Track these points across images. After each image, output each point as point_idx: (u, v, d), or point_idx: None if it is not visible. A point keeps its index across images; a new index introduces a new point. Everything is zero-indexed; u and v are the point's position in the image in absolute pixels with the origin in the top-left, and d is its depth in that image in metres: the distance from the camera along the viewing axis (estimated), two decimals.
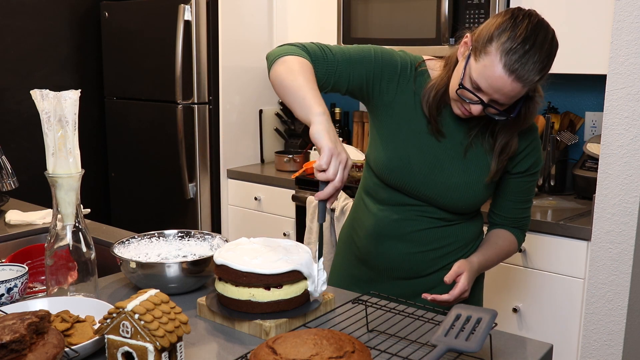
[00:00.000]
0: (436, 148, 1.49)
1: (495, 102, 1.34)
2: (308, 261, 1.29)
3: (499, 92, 1.31)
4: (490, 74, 1.30)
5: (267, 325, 1.21)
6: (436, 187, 1.49)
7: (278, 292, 1.24)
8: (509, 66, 1.28)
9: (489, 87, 1.31)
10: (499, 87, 1.30)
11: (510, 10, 1.34)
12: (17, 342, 0.94)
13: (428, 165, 1.48)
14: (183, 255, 1.53)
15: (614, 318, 2.07)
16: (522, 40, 1.28)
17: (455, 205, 1.51)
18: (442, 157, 1.49)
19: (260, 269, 1.22)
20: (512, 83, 1.29)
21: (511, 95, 1.32)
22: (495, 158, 1.47)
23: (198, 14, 3.13)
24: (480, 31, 1.35)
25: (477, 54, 1.32)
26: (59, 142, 1.26)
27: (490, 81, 1.30)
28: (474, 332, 1.05)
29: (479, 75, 1.32)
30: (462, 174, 1.49)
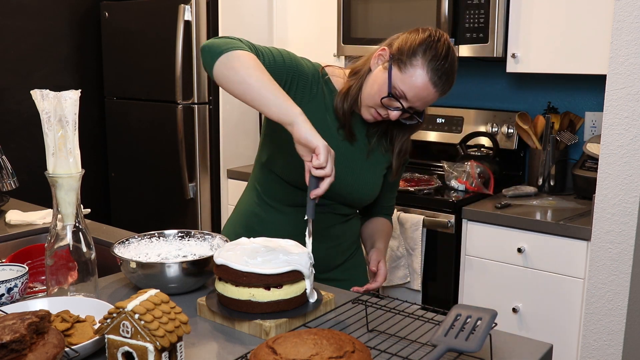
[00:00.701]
0: (345, 150, 1.59)
1: (411, 108, 1.50)
2: (308, 261, 1.29)
3: (421, 100, 1.47)
4: (417, 84, 1.45)
5: (267, 325, 1.21)
6: (347, 186, 1.59)
7: (278, 292, 1.24)
8: (434, 80, 1.45)
9: (414, 96, 1.46)
10: (424, 96, 1.46)
11: (427, 28, 1.49)
12: (17, 342, 0.95)
13: (339, 167, 1.53)
14: (183, 255, 1.53)
15: (614, 318, 2.07)
16: (443, 57, 1.45)
17: (362, 201, 1.66)
18: (350, 158, 1.60)
19: (260, 269, 1.22)
20: (434, 93, 1.47)
21: (428, 103, 1.50)
22: (395, 157, 1.64)
23: (198, 14, 3.13)
24: (401, 45, 1.47)
25: (401, 65, 1.46)
26: (59, 142, 1.27)
27: (417, 91, 1.45)
28: (473, 332, 1.05)
29: (406, 86, 1.45)
30: (368, 173, 1.63)
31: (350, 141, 1.60)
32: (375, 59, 1.51)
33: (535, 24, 2.46)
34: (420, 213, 2.51)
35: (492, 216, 2.36)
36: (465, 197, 2.54)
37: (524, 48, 2.49)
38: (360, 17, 2.83)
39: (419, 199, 2.56)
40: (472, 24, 2.54)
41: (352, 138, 1.59)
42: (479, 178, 2.62)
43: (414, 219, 2.49)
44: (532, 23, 2.46)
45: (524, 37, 2.48)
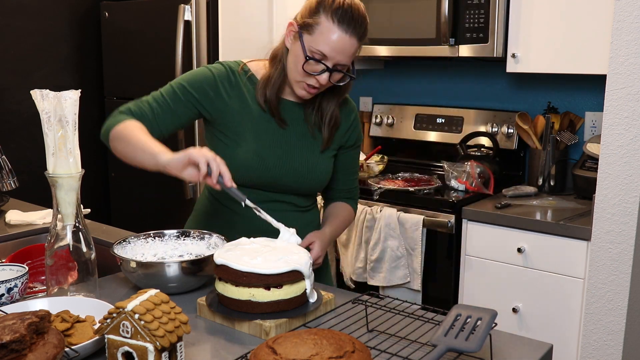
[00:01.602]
0: (282, 138, 1.61)
1: (338, 65, 1.50)
2: (308, 261, 1.29)
3: (341, 52, 1.47)
4: (330, 37, 1.46)
5: (267, 325, 1.21)
6: (293, 173, 1.61)
7: (278, 292, 1.24)
8: (343, 27, 1.46)
9: (332, 50, 1.46)
10: (341, 47, 1.47)
11: None
12: (17, 342, 0.95)
13: (280, 156, 1.60)
14: (179, 255, 1.53)
15: (614, 318, 2.07)
16: (342, 4, 1.47)
17: (311, 186, 1.66)
18: (289, 145, 1.61)
19: (260, 269, 1.22)
20: (350, 40, 1.47)
21: (351, 53, 1.49)
22: (326, 128, 1.63)
23: (198, 14, 3.13)
24: (302, 12, 1.53)
25: (309, 29, 1.48)
26: (59, 142, 1.27)
27: (332, 44, 1.46)
28: (473, 332, 1.05)
29: (320, 43, 1.46)
30: (311, 156, 1.63)
31: (283, 127, 1.61)
32: (288, 37, 1.55)
33: (535, 24, 2.46)
34: (420, 213, 2.51)
35: (492, 216, 2.36)
36: (465, 197, 2.54)
37: (524, 48, 2.49)
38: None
39: (419, 199, 2.56)
40: (472, 24, 2.54)
41: (282, 124, 1.60)
42: (479, 178, 2.62)
43: (414, 219, 2.49)
44: (532, 23, 2.46)
45: (524, 37, 2.48)
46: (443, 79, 3.12)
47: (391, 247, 2.52)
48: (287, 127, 1.62)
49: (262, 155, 1.58)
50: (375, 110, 3.26)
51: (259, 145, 1.59)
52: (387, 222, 2.52)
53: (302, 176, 1.62)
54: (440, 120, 3.04)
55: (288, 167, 1.61)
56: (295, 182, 1.62)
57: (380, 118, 3.21)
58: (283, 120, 1.61)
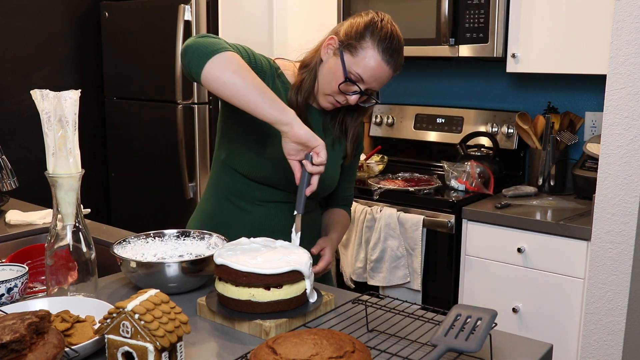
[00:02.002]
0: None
1: (368, 89, 1.54)
2: (308, 261, 1.29)
3: (377, 80, 1.51)
4: (372, 65, 1.49)
5: (267, 325, 1.21)
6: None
7: (278, 292, 1.24)
8: (386, 58, 1.49)
9: (370, 77, 1.50)
10: (379, 75, 1.51)
11: (369, 12, 1.54)
12: (17, 342, 0.95)
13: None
14: (179, 255, 1.53)
15: (614, 318, 2.07)
16: (390, 35, 1.50)
17: (323, 192, 1.69)
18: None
19: (260, 269, 1.22)
20: (388, 71, 1.51)
21: (384, 82, 1.54)
22: (350, 142, 1.68)
23: (198, 14, 3.13)
24: (347, 30, 1.51)
25: (352, 50, 1.49)
26: (59, 142, 1.27)
27: (372, 72, 1.50)
28: (473, 332, 1.05)
29: (362, 67, 1.49)
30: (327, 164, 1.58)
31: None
32: (325, 49, 1.54)
33: (535, 24, 2.46)
34: (420, 213, 2.51)
35: (492, 216, 2.36)
36: (465, 197, 2.54)
37: (524, 48, 2.49)
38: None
39: (419, 199, 2.56)
40: (472, 24, 2.54)
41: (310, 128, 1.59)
42: (479, 178, 2.62)
43: (414, 219, 2.49)
44: (532, 23, 2.46)
45: (524, 37, 2.48)
46: (443, 79, 3.12)
47: (391, 247, 2.52)
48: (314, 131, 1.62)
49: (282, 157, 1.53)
50: (375, 110, 3.26)
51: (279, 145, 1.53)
52: (387, 222, 2.52)
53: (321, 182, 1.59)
54: (440, 120, 3.04)
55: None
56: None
57: (380, 118, 3.22)
58: (311, 126, 1.59)
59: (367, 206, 2.61)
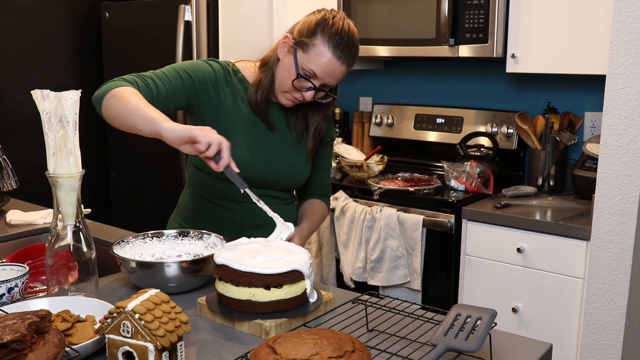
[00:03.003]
0: (268, 139, 1.67)
1: (324, 85, 1.58)
2: (308, 261, 1.29)
3: (330, 75, 1.56)
4: (322, 61, 1.53)
5: (267, 325, 1.21)
6: (275, 172, 1.68)
7: (278, 292, 1.24)
8: (337, 53, 1.53)
9: (322, 73, 1.55)
10: (331, 71, 1.55)
11: (322, 9, 1.59)
12: (18, 341, 0.95)
13: (266, 155, 1.66)
14: (177, 255, 1.53)
15: (613, 318, 2.07)
16: (341, 30, 1.54)
17: (292, 184, 1.75)
18: (274, 145, 1.68)
19: (261, 269, 1.22)
20: (341, 66, 1.55)
21: (339, 77, 1.58)
22: (311, 138, 1.71)
23: (198, 14, 3.14)
24: (300, 29, 1.57)
25: (304, 47, 1.55)
26: (60, 142, 1.27)
27: (324, 67, 1.54)
28: (473, 332, 1.05)
29: (314, 64, 1.54)
30: (294, 158, 1.71)
31: (271, 129, 1.67)
32: (281, 47, 1.60)
33: (535, 24, 2.46)
34: (420, 213, 2.51)
35: (492, 216, 2.37)
36: (465, 197, 2.54)
37: (524, 48, 2.49)
38: (360, 18, 2.84)
39: (419, 199, 2.56)
40: (472, 24, 2.54)
41: (270, 126, 1.67)
42: (479, 178, 2.63)
43: (414, 219, 2.49)
44: (531, 23, 2.46)
45: (524, 37, 2.48)
46: (443, 79, 3.12)
47: (391, 247, 2.53)
48: (275, 130, 1.68)
49: (252, 154, 1.64)
50: (375, 110, 3.26)
51: (249, 144, 1.65)
52: (387, 222, 2.53)
53: (284, 176, 1.70)
54: (440, 120, 3.04)
55: (273, 167, 1.67)
56: (277, 180, 1.69)
57: (380, 118, 3.22)
58: (271, 123, 1.67)
59: (367, 206, 2.61)
